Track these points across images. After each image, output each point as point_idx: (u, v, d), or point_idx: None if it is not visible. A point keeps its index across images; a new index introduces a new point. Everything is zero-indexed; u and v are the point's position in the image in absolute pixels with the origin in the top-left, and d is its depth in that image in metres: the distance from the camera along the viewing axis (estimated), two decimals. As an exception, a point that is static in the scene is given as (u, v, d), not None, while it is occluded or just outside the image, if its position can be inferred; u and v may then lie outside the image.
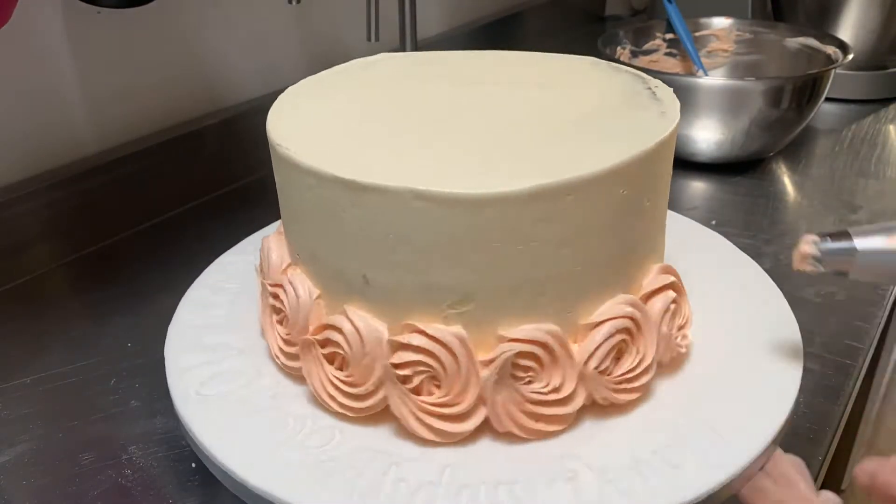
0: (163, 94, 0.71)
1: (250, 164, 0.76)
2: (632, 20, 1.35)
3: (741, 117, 0.73)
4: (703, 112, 0.73)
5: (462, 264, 0.36)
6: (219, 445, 0.38)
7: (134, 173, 0.67)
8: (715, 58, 0.90)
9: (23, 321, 0.55)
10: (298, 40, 0.82)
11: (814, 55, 0.82)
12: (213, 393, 0.41)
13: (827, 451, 0.44)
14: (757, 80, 0.74)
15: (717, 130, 0.74)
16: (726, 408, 0.40)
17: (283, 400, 0.41)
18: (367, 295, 0.38)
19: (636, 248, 0.40)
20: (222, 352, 0.45)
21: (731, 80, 0.78)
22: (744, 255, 0.54)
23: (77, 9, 0.60)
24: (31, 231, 0.60)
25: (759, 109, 0.72)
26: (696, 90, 0.72)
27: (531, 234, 0.36)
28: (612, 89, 0.45)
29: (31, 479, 0.42)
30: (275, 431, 0.39)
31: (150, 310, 0.56)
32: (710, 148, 0.76)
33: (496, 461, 0.37)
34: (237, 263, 0.53)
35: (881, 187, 0.75)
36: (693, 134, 0.74)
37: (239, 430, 0.39)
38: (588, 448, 0.38)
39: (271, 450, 0.38)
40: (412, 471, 0.37)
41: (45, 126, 0.63)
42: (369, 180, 0.35)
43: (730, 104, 0.72)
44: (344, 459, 0.37)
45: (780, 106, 0.73)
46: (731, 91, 0.73)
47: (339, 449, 0.38)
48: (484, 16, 1.11)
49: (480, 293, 0.37)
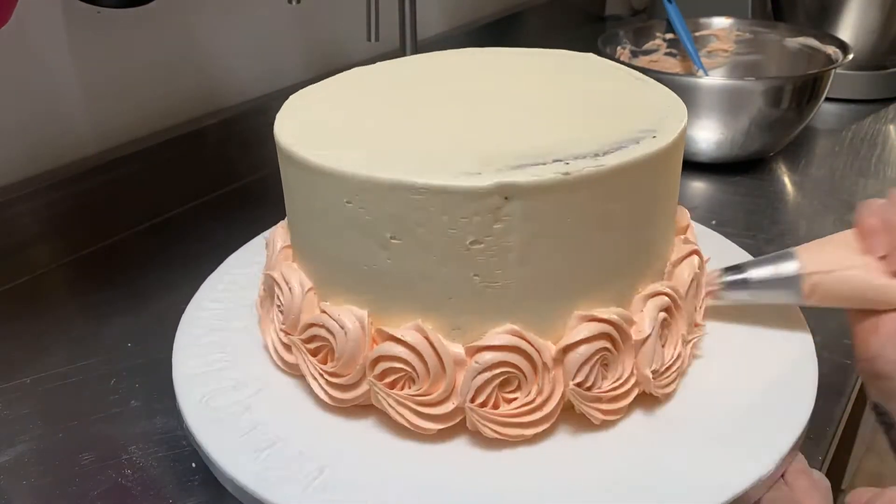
0: (163, 94, 0.71)
1: (251, 163, 0.76)
2: (631, 20, 1.35)
3: (741, 117, 0.73)
4: (703, 112, 0.73)
5: (462, 262, 0.36)
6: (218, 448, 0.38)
7: (134, 173, 0.67)
8: (715, 58, 0.90)
9: (23, 321, 0.55)
10: (299, 40, 0.82)
11: (814, 55, 0.82)
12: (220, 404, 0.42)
13: (827, 451, 0.44)
14: (757, 79, 0.74)
15: (717, 130, 0.74)
16: (721, 433, 0.39)
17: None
18: (362, 291, 0.39)
19: (629, 259, 0.39)
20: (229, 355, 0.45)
21: (730, 80, 0.78)
22: (747, 254, 0.53)
23: (77, 9, 0.60)
24: (31, 231, 0.60)
25: (759, 109, 0.72)
26: (697, 90, 0.72)
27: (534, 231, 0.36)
28: (612, 84, 0.45)
29: (31, 479, 0.42)
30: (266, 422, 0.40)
31: (150, 310, 0.56)
32: (710, 148, 0.76)
33: (471, 463, 0.38)
34: (247, 265, 0.53)
35: (881, 187, 0.75)
36: (693, 134, 0.74)
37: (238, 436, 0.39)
38: (540, 462, 0.38)
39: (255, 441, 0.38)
40: (399, 464, 0.37)
41: (45, 126, 0.63)
42: (370, 174, 0.35)
43: (730, 104, 0.72)
44: (323, 452, 0.38)
45: (780, 106, 0.73)
46: (730, 91, 0.73)
47: (323, 441, 0.39)
48: (484, 16, 1.11)
49: (478, 292, 0.37)
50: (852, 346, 0.40)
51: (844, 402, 0.48)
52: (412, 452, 0.38)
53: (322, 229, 0.39)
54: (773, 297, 0.44)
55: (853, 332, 0.40)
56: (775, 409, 0.40)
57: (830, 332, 0.53)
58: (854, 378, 0.50)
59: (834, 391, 0.48)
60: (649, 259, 0.41)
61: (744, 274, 0.44)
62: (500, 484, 0.36)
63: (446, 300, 0.37)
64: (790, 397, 0.41)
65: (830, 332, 0.53)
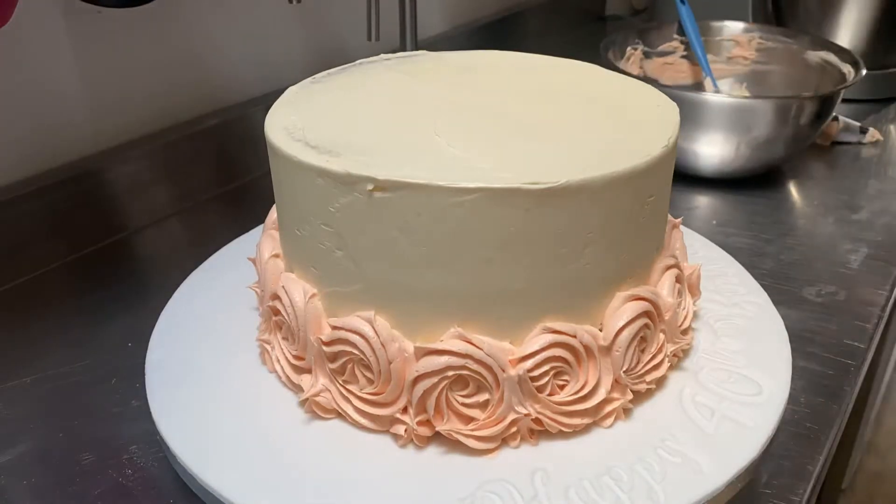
0: (163, 94, 0.71)
1: (250, 163, 0.76)
2: (633, 20, 1.35)
3: (748, 134, 0.70)
4: (710, 128, 0.70)
5: (460, 262, 0.36)
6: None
7: (134, 173, 0.67)
8: (735, 65, 0.87)
9: (23, 321, 0.55)
10: (299, 40, 0.82)
11: (829, 70, 0.80)
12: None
13: (827, 452, 0.44)
14: (765, 98, 0.72)
15: (723, 146, 0.71)
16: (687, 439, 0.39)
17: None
18: (363, 296, 0.39)
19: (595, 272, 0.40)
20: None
21: (737, 99, 0.75)
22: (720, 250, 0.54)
23: (77, 9, 0.60)
24: (30, 231, 0.60)
25: (766, 127, 0.70)
26: (704, 106, 0.70)
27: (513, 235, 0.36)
28: (617, 97, 0.45)
29: (31, 479, 0.42)
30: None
31: (149, 310, 0.56)
32: (714, 163, 0.73)
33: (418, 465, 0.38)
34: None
35: (881, 187, 0.75)
36: (698, 149, 0.72)
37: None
38: (511, 465, 0.38)
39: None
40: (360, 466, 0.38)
41: (45, 126, 0.63)
42: (360, 173, 0.36)
43: (738, 121, 0.70)
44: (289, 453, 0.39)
45: (788, 124, 0.70)
46: (737, 109, 0.70)
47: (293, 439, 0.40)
48: (484, 15, 1.11)
49: (474, 293, 0.37)
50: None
51: (844, 403, 0.48)
52: (408, 456, 0.39)
53: (319, 233, 0.39)
54: None
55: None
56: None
57: (830, 333, 0.53)
58: (854, 378, 0.50)
59: (834, 391, 0.48)
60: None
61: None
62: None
63: (479, 304, 0.38)
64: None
65: (830, 332, 0.53)
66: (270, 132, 0.41)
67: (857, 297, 0.57)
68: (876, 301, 0.57)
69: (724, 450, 0.38)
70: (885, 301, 0.57)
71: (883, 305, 0.57)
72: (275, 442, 0.39)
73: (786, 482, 0.42)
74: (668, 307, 0.41)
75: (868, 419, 0.95)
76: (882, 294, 0.58)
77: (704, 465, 0.37)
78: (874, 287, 0.59)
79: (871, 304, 0.57)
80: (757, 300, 0.51)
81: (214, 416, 0.41)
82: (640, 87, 0.47)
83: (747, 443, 0.39)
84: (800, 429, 0.45)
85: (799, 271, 0.60)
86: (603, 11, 1.36)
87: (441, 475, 0.37)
